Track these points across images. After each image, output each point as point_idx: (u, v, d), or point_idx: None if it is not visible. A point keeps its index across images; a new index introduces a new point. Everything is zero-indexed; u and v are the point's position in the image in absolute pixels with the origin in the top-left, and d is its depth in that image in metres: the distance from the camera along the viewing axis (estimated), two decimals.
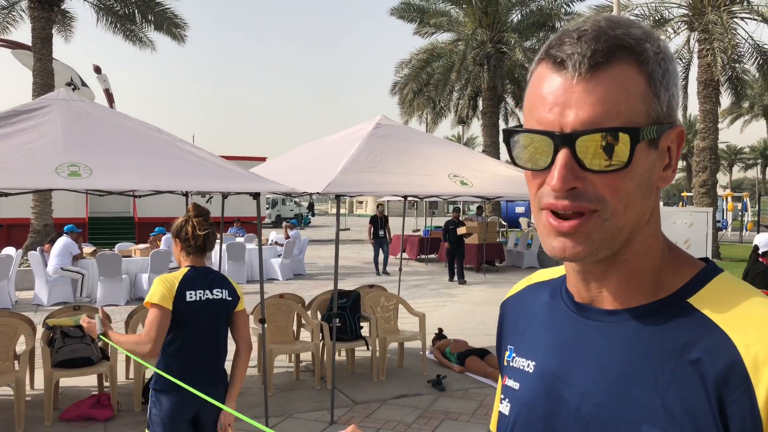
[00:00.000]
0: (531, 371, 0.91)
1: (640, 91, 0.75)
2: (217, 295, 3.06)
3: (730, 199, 29.41)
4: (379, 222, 16.15)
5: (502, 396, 0.97)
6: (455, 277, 14.98)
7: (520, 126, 0.83)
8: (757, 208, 27.00)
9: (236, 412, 1.70)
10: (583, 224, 0.77)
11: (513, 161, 0.81)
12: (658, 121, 0.77)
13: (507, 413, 0.94)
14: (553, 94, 0.76)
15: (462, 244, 15.07)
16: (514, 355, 0.97)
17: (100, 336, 3.02)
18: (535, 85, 0.80)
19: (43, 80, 15.73)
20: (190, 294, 2.99)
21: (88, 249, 12.31)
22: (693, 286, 0.81)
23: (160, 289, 2.95)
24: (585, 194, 0.76)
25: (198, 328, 3.01)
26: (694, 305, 0.79)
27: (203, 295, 3.02)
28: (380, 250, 16.24)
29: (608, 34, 0.76)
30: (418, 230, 23.28)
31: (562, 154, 0.75)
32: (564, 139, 0.74)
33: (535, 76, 0.81)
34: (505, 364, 1.00)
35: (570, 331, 0.88)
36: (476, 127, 71.62)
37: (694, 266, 0.84)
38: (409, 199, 9.84)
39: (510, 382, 0.96)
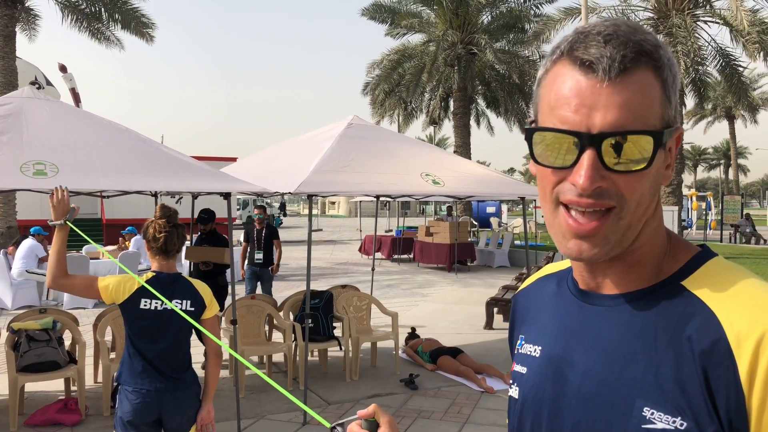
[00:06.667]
0: (537, 356, 0.96)
1: (658, 96, 0.79)
2: (176, 306, 3.02)
3: (694, 198, 30.09)
4: (256, 236, 8.84)
5: (512, 381, 1.01)
6: None
7: (532, 124, 0.86)
8: (720, 208, 27.63)
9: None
10: (601, 226, 0.80)
11: (533, 158, 0.84)
12: (669, 124, 0.81)
13: (516, 396, 0.98)
14: (579, 96, 0.78)
15: (210, 279, 7.08)
16: (523, 343, 1.01)
17: (66, 221, 2.90)
18: (557, 84, 0.81)
19: (7, 79, 15.37)
20: (145, 302, 2.98)
21: None
22: (687, 270, 0.85)
23: (118, 281, 2.97)
24: (607, 192, 0.79)
25: (153, 335, 2.99)
26: (687, 287, 0.83)
27: (160, 304, 2.99)
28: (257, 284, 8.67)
29: (632, 40, 0.78)
30: (391, 231, 23.34)
31: (589, 154, 0.77)
32: (591, 140, 0.77)
33: (553, 75, 0.83)
34: (516, 352, 1.04)
35: (574, 317, 0.92)
36: (448, 128, 71.93)
37: (690, 251, 0.88)
38: (381, 199, 9.86)
39: (518, 368, 1.00)
